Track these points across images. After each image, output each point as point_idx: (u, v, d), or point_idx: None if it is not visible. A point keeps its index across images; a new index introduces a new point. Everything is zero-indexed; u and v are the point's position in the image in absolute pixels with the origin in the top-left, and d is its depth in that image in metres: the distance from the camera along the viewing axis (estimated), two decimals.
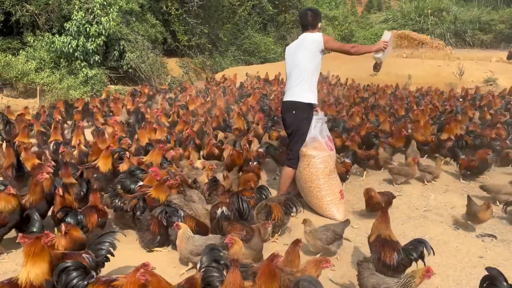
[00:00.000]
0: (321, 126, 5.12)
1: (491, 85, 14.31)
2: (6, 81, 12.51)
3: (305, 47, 5.00)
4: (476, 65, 16.14)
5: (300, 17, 5.19)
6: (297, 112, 5.03)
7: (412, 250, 3.45)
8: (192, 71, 18.28)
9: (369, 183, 6.40)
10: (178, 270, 3.85)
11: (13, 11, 13.93)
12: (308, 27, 5.08)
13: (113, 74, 15.10)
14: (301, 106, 5.00)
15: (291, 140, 5.24)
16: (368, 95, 12.34)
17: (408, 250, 3.46)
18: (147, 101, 11.18)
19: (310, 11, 5.13)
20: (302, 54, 5.02)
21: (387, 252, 3.47)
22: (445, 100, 11.56)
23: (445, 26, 27.79)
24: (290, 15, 24.65)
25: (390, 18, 30.50)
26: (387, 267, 3.44)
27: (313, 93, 5.04)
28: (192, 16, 17.76)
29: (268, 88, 13.40)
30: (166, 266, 3.90)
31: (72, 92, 12.81)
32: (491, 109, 10.04)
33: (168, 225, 4.03)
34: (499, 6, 29.92)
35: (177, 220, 3.99)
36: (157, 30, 16.66)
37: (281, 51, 22.58)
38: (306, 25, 5.09)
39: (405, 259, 3.43)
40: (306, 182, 5.07)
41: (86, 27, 13.61)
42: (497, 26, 28.04)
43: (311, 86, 5.02)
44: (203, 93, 12.79)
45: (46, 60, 13.60)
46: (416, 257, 3.43)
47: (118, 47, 14.71)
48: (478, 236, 4.70)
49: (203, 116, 8.85)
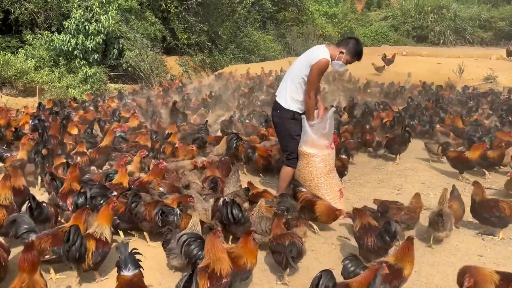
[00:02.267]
0: (324, 123, 5.05)
1: (491, 82, 14.29)
2: (5, 80, 12.51)
3: (306, 55, 4.99)
4: (476, 63, 16.13)
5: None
6: (281, 112, 5.09)
7: (385, 232, 3.72)
8: (192, 69, 18.25)
9: (368, 182, 6.40)
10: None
11: (12, 9, 13.91)
12: (337, 43, 5.00)
13: (112, 73, 15.10)
14: (283, 109, 5.06)
15: (280, 140, 5.31)
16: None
17: (381, 234, 3.74)
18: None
19: (354, 40, 4.94)
20: (299, 61, 5.04)
21: (369, 237, 3.84)
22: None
23: (445, 23, 27.71)
24: (290, 12, 24.60)
25: (390, 16, 30.43)
26: (370, 251, 3.77)
27: (294, 102, 5.00)
28: (191, 14, 17.72)
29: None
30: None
31: (71, 91, 12.80)
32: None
33: (164, 225, 3.97)
34: (499, 4, 29.82)
35: (174, 218, 3.96)
36: (157, 28, 16.63)
37: (281, 49, 22.55)
38: (338, 42, 5.06)
39: (380, 242, 3.74)
40: (306, 181, 5.05)
41: (85, 25, 13.59)
42: (497, 24, 27.97)
43: (295, 94, 4.99)
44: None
45: (45, 59, 13.59)
46: (389, 239, 3.69)
47: (117, 45, 14.69)
48: (478, 235, 4.70)
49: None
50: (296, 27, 24.28)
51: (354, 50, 4.83)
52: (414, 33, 28.63)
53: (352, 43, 4.85)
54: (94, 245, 3.46)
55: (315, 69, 4.77)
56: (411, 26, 28.71)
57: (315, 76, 4.80)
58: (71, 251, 3.31)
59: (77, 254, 3.32)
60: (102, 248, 3.49)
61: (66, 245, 3.31)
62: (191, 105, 10.38)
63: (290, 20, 24.63)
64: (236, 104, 10.42)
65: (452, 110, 9.78)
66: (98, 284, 3.56)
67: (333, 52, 4.85)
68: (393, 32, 28.63)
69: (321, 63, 4.75)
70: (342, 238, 4.61)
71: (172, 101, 9.97)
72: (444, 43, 27.42)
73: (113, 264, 3.37)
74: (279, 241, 3.67)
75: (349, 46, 4.83)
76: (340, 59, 4.82)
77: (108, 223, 3.65)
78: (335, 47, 4.91)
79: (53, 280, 3.58)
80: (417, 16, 28.75)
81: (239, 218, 4.02)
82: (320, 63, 4.75)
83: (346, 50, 4.80)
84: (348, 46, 4.82)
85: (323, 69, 4.82)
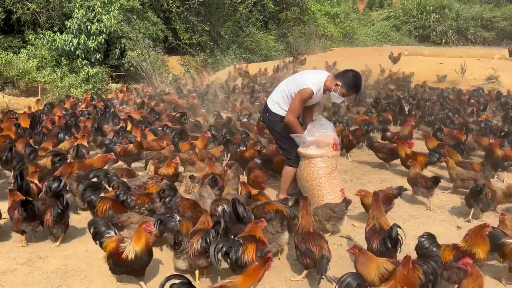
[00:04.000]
0: (325, 123, 5.09)
1: (493, 82, 14.25)
2: (7, 80, 12.53)
3: (305, 75, 5.00)
4: (478, 63, 16.07)
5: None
6: (269, 115, 5.20)
7: (388, 238, 3.63)
8: (194, 69, 18.24)
9: (370, 182, 6.40)
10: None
11: (14, 9, 13.93)
12: (336, 75, 4.94)
13: (114, 73, 15.09)
14: (271, 112, 5.15)
15: (276, 141, 5.43)
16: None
17: (384, 239, 3.66)
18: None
19: (353, 72, 4.87)
20: (297, 76, 5.07)
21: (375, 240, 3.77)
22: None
23: (447, 23, 27.61)
24: (292, 12, 24.55)
25: (392, 15, 30.36)
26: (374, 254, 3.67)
27: (281, 108, 5.08)
28: (193, 14, 17.71)
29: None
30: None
31: (73, 91, 12.81)
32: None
33: (162, 234, 4.01)
34: (501, 3, 29.74)
35: (173, 225, 3.93)
36: (158, 28, 16.62)
37: (282, 48, 22.52)
38: (337, 74, 4.98)
39: (382, 247, 3.66)
40: (307, 180, 5.05)
41: (87, 25, 13.59)
42: (499, 23, 27.86)
43: (282, 104, 5.08)
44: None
45: (47, 59, 13.60)
46: (391, 245, 3.60)
47: (119, 45, 14.69)
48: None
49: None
50: (298, 27, 24.20)
51: (351, 83, 4.75)
52: (416, 33, 28.54)
53: (349, 76, 4.77)
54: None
55: (298, 96, 4.81)
56: (413, 26, 28.60)
57: (296, 102, 4.83)
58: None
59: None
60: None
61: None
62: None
63: (292, 20, 24.57)
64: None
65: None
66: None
67: (329, 84, 4.81)
68: (395, 32, 28.55)
69: (304, 92, 4.77)
70: (344, 237, 4.61)
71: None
72: (446, 43, 27.32)
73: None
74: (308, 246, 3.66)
75: (345, 78, 4.75)
76: (336, 91, 4.78)
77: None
78: (333, 78, 4.84)
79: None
80: (419, 15, 28.66)
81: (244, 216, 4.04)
82: (303, 92, 4.77)
83: (342, 82, 4.74)
84: (345, 79, 4.74)
85: (305, 99, 4.80)
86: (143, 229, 3.53)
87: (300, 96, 4.80)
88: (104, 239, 3.67)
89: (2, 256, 4.18)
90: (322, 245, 3.64)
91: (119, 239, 3.63)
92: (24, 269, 3.97)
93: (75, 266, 4.00)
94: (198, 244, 3.52)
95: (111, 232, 3.74)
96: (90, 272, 3.91)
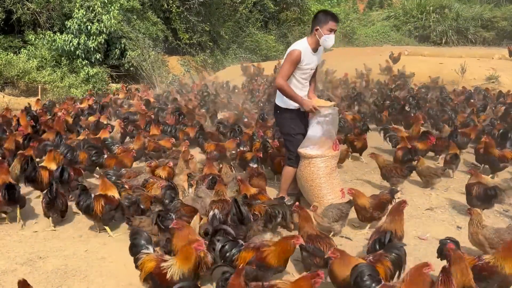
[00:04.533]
0: (327, 123, 5.00)
1: (493, 82, 14.24)
2: (7, 80, 12.55)
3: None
4: (478, 63, 16.06)
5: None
6: (279, 112, 5.21)
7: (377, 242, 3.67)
8: (194, 69, 18.25)
9: (371, 182, 6.40)
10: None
11: (14, 9, 13.95)
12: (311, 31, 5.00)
13: (114, 73, 15.11)
14: (278, 108, 5.17)
15: (284, 140, 5.41)
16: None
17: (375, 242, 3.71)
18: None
19: (319, 11, 4.99)
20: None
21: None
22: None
23: (447, 23, 27.58)
24: (292, 12, 24.55)
25: (392, 16, 30.34)
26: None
27: (281, 97, 5.09)
28: (193, 14, 17.72)
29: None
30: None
31: (73, 91, 12.83)
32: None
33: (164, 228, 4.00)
34: (501, 3, 29.71)
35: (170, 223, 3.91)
36: (158, 28, 16.63)
37: (282, 49, 22.52)
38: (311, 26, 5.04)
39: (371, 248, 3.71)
40: (307, 181, 5.05)
41: (87, 25, 13.61)
42: (499, 23, 27.82)
43: (278, 95, 5.13)
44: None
45: (48, 59, 13.63)
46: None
47: (119, 45, 14.71)
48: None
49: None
50: (298, 27, 24.20)
51: (322, 18, 4.82)
52: (416, 33, 28.50)
53: (316, 17, 4.88)
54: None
55: (286, 59, 4.91)
56: (413, 26, 28.57)
57: (285, 65, 4.90)
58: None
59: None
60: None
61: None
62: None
63: (292, 20, 24.57)
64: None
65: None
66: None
67: (311, 37, 4.91)
68: (395, 32, 28.54)
69: (291, 54, 4.86)
70: (344, 237, 4.61)
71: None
72: (446, 43, 27.30)
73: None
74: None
75: (316, 21, 4.84)
76: (320, 36, 4.81)
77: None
78: (310, 35, 4.95)
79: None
80: (419, 16, 28.64)
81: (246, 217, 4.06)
82: (290, 54, 4.88)
83: (317, 25, 4.81)
84: (316, 21, 4.83)
85: (294, 60, 4.83)
86: (194, 248, 3.18)
87: (288, 59, 4.88)
88: (141, 255, 3.37)
89: (2, 256, 4.18)
90: (332, 244, 3.70)
91: (158, 258, 3.31)
92: (24, 269, 3.97)
93: (75, 266, 4.00)
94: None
95: (150, 248, 3.46)
96: (90, 272, 3.92)
